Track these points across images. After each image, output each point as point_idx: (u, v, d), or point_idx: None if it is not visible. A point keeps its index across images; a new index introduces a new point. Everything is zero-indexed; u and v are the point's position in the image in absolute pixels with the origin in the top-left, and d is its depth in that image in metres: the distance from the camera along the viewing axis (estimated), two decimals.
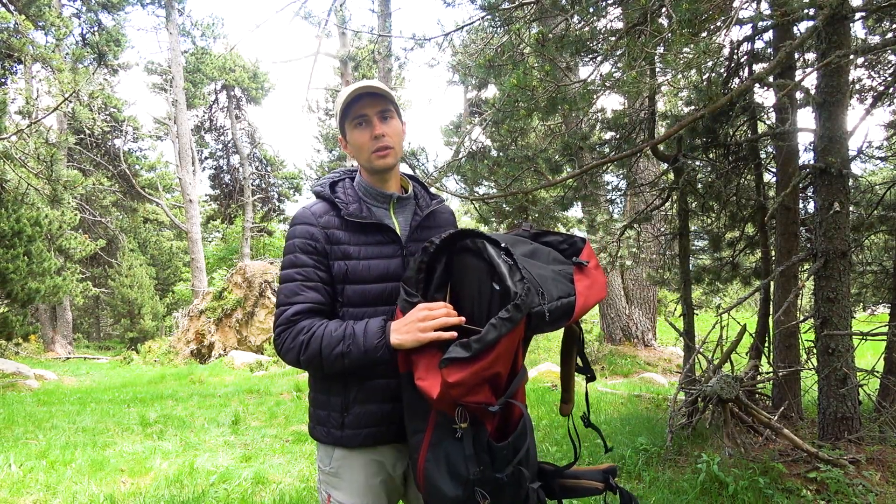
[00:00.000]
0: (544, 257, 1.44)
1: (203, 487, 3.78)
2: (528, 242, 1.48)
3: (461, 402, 1.19)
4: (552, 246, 1.52)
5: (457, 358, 1.15)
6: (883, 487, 3.16)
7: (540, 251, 1.46)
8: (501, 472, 1.24)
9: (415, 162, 4.99)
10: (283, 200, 29.96)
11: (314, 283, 1.43)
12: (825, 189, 3.67)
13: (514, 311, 1.16)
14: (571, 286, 1.37)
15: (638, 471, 3.75)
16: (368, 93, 1.47)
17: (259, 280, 13.97)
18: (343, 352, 1.33)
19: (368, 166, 1.53)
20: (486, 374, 1.18)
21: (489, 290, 1.24)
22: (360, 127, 1.50)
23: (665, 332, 12.59)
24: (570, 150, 5.65)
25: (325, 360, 1.35)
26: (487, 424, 1.26)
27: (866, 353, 8.10)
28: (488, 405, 1.20)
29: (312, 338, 1.36)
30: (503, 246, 1.27)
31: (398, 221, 1.56)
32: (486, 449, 1.25)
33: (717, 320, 4.46)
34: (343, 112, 1.51)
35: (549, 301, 1.27)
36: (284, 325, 1.40)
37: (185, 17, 23.28)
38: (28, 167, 10.84)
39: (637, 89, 3.16)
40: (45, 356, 16.17)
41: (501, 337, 1.16)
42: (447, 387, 1.15)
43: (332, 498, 1.51)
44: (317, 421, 1.53)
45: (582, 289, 1.38)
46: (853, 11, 3.78)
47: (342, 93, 1.50)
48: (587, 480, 1.43)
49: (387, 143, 1.49)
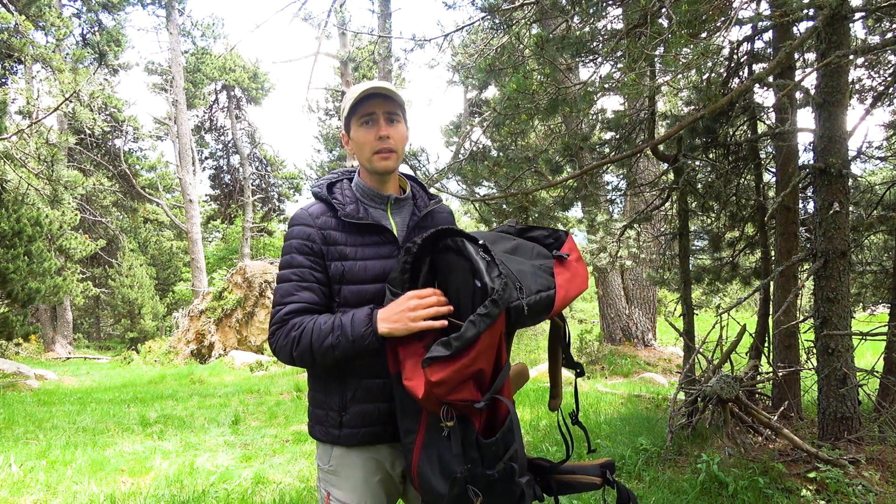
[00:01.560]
0: (527, 253, 1.46)
1: (203, 487, 3.79)
2: (511, 239, 1.50)
3: (446, 401, 1.20)
4: (537, 241, 1.54)
5: (438, 357, 1.17)
6: (883, 487, 3.16)
7: (523, 247, 1.48)
8: (492, 468, 1.25)
9: (415, 163, 4.99)
10: (283, 200, 29.97)
11: (309, 283, 1.45)
12: (825, 189, 3.68)
13: (491, 307, 1.18)
14: (552, 279, 1.38)
15: (638, 471, 3.76)
16: (380, 93, 1.48)
17: (259, 280, 13.98)
18: (333, 343, 1.35)
19: (369, 166, 1.53)
20: (469, 371, 1.19)
21: (472, 287, 1.26)
22: (366, 125, 1.51)
23: (665, 332, 12.59)
24: (571, 151, 5.65)
25: (317, 354, 1.36)
26: (475, 422, 1.26)
27: (866, 353, 8.11)
28: (474, 402, 1.21)
29: (303, 333, 1.38)
30: (481, 243, 1.29)
31: (395, 222, 1.56)
32: (475, 446, 1.26)
33: (717, 320, 4.47)
34: (352, 108, 1.50)
35: (528, 295, 1.29)
36: (278, 324, 1.42)
37: (185, 17, 23.29)
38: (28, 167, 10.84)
39: (637, 90, 3.16)
40: (46, 356, 16.18)
41: (481, 333, 1.17)
42: (430, 386, 1.17)
43: (332, 496, 1.51)
44: (315, 420, 1.53)
45: (562, 282, 1.39)
46: (853, 11, 3.79)
47: (353, 89, 1.50)
48: (584, 476, 1.43)
49: (390, 145, 1.50)
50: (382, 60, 12.60)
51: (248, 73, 26.64)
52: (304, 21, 15.34)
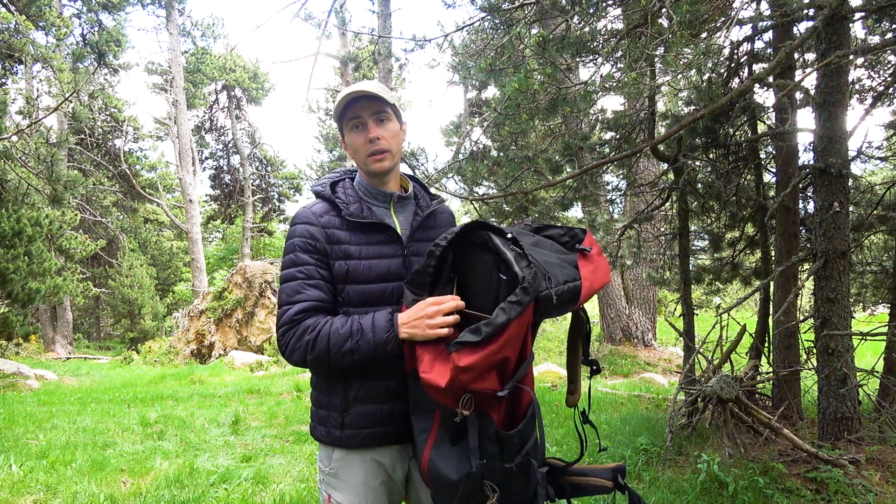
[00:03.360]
0: (548, 247, 1.47)
1: (203, 488, 3.79)
2: (531, 235, 1.50)
3: (469, 389, 1.18)
4: (554, 239, 1.55)
5: (468, 342, 1.15)
6: (883, 487, 3.16)
7: (543, 243, 1.48)
8: (511, 461, 1.24)
9: (415, 162, 4.99)
10: (283, 200, 29.97)
11: (316, 280, 1.43)
12: (825, 189, 3.68)
13: (522, 295, 1.17)
14: (576, 271, 1.40)
15: (638, 471, 3.76)
16: (363, 96, 1.47)
17: (259, 280, 13.98)
18: (352, 348, 1.33)
19: (365, 169, 1.53)
20: (497, 358, 1.18)
21: (496, 281, 1.25)
22: (356, 130, 1.51)
23: (665, 332, 12.59)
24: (571, 151, 5.65)
25: (333, 359, 1.34)
26: (493, 414, 1.25)
27: (866, 353, 8.11)
28: (496, 391, 1.20)
29: (319, 336, 1.35)
30: (510, 236, 1.28)
31: (399, 221, 1.56)
32: (495, 439, 1.24)
33: (717, 320, 4.46)
34: (340, 115, 1.51)
35: (556, 285, 1.29)
36: (288, 325, 1.38)
37: (185, 18, 23.28)
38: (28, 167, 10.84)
39: (637, 90, 3.16)
40: (46, 356, 16.17)
41: (511, 321, 1.16)
42: (458, 371, 1.14)
43: (332, 498, 1.51)
44: (318, 420, 1.53)
45: (587, 273, 1.41)
46: (853, 11, 3.79)
47: (339, 95, 1.50)
48: (596, 478, 1.42)
49: (381, 146, 1.49)
50: (382, 60, 12.59)
51: (249, 73, 26.64)
52: (304, 21, 15.36)
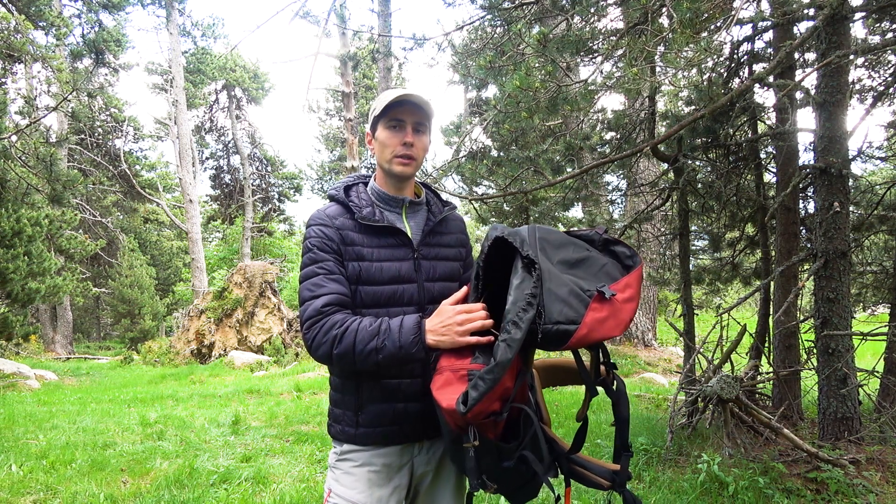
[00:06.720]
0: (592, 268, 1.33)
1: (203, 488, 3.78)
2: (585, 249, 1.37)
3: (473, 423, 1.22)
4: (618, 257, 1.38)
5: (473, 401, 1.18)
6: (883, 487, 3.16)
7: (592, 261, 1.34)
8: (510, 460, 1.28)
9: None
10: (283, 200, 29.99)
11: (336, 275, 1.45)
12: (825, 189, 3.67)
13: (514, 331, 1.18)
14: (580, 314, 1.22)
15: (638, 471, 3.75)
16: (413, 101, 1.50)
17: (259, 280, 13.97)
18: (377, 347, 1.34)
19: (387, 167, 1.55)
20: (496, 393, 1.20)
21: None
22: (392, 129, 1.53)
23: (665, 332, 12.59)
24: (572, 150, 5.65)
25: (358, 356, 1.35)
26: (489, 434, 1.27)
27: (866, 353, 8.11)
28: (498, 414, 1.23)
29: (346, 332, 1.36)
30: (525, 255, 1.25)
31: (410, 226, 1.59)
32: (493, 451, 1.28)
33: (717, 320, 4.46)
34: (382, 111, 1.52)
35: (546, 323, 1.20)
36: (315, 318, 1.38)
37: (185, 18, 23.28)
38: (28, 166, 10.84)
39: (637, 87, 3.16)
40: (46, 356, 16.17)
41: (506, 366, 1.17)
42: (465, 421, 1.21)
43: (333, 492, 1.53)
44: (334, 419, 1.56)
45: (590, 320, 1.21)
46: (853, 11, 3.79)
47: (387, 92, 1.53)
48: (595, 475, 1.40)
49: (412, 153, 1.53)
50: (382, 59, 12.58)
51: (249, 73, 26.66)
52: (304, 20, 15.35)
